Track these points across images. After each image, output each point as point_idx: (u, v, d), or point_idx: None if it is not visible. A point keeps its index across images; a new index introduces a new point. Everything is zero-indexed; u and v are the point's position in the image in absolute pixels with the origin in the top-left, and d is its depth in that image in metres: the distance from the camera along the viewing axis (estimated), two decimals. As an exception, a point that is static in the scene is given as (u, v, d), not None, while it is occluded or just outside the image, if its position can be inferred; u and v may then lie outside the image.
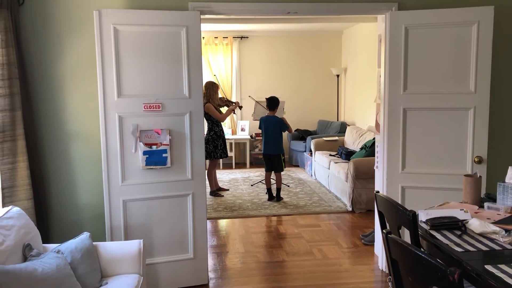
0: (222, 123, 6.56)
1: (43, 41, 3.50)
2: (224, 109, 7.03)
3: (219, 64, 8.94)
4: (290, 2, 3.61)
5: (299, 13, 3.70)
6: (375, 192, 2.63)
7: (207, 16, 3.67)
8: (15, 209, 2.69)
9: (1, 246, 2.33)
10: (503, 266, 1.79)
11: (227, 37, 8.92)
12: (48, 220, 3.61)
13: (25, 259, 2.48)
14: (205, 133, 6.27)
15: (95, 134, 3.49)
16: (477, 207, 2.58)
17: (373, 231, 4.46)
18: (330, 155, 7.14)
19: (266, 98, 6.42)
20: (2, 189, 3.15)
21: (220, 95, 6.79)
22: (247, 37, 9.09)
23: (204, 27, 7.00)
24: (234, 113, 7.83)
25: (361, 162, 5.81)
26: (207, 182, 6.46)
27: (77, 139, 3.62)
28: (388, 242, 1.94)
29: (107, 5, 3.43)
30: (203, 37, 8.48)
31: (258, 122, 6.62)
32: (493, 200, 2.67)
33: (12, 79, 3.18)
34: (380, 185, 3.86)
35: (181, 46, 3.42)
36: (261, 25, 7.94)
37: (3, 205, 3.12)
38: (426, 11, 3.53)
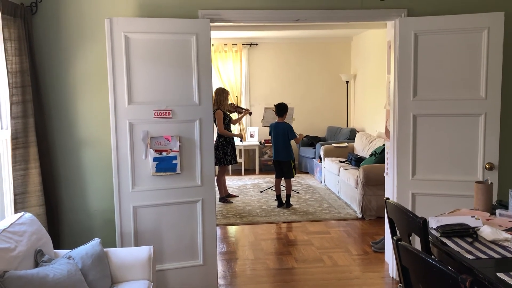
0: (231, 128, 6.58)
1: (55, 49, 3.55)
2: (234, 115, 7.06)
3: (229, 71, 8.99)
4: (300, 10, 3.62)
5: (309, 20, 3.71)
6: (385, 198, 2.61)
7: (216, 23, 3.70)
8: (27, 215, 2.72)
9: (13, 251, 2.35)
10: (515, 274, 1.77)
11: (236, 44, 8.96)
12: (59, 226, 3.64)
13: (36, 264, 2.50)
14: (215, 139, 6.30)
15: (106, 140, 3.52)
16: (489, 214, 2.56)
17: (383, 238, 4.43)
18: (340, 161, 7.12)
19: (275, 105, 6.43)
20: (15, 195, 3.18)
21: (230, 101, 6.81)
22: (256, 44, 9.13)
23: (214, 34, 7.03)
24: (240, 137, 7.86)
25: (371, 168, 5.78)
26: (217, 189, 6.47)
27: (88, 146, 3.65)
28: (398, 249, 1.93)
29: (118, 14, 3.48)
30: (213, 44, 8.53)
31: (267, 129, 6.64)
32: (505, 207, 2.65)
33: (25, 86, 3.23)
34: (390, 192, 3.83)
35: (191, 54, 3.45)
36: (271, 32, 7.97)
37: (15, 211, 3.16)
38: (436, 17, 3.52)
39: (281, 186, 6.43)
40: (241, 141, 7.06)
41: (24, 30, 3.25)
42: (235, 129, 7.71)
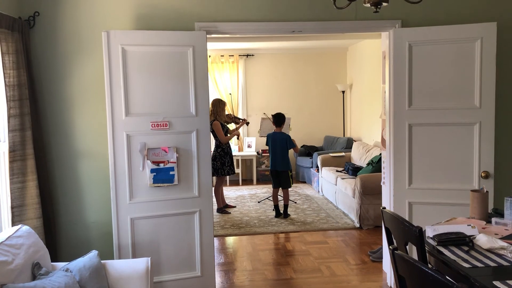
0: (229, 140, 6.59)
1: (52, 62, 3.57)
2: (231, 126, 7.08)
3: (226, 82, 9.03)
4: (295, 22, 3.67)
5: (304, 32, 3.75)
6: (381, 208, 2.63)
7: (213, 35, 3.73)
8: (24, 228, 2.72)
9: (10, 264, 2.35)
10: (511, 282, 1.78)
11: (233, 55, 9.02)
12: (57, 239, 3.63)
13: (34, 277, 2.49)
14: (213, 150, 6.31)
15: (103, 152, 3.53)
16: (485, 223, 2.57)
17: (381, 248, 4.43)
18: (337, 171, 7.13)
19: (272, 115, 6.46)
20: (12, 208, 3.18)
21: (227, 112, 6.84)
22: (252, 55, 9.18)
23: (210, 45, 7.08)
24: (237, 138, 7.93)
25: (368, 178, 5.79)
26: (214, 199, 6.47)
27: (86, 158, 3.66)
28: (394, 258, 1.94)
29: (115, 27, 3.51)
30: (210, 56, 8.58)
31: (264, 139, 6.66)
32: (501, 215, 2.66)
33: (22, 99, 3.24)
34: (387, 201, 3.85)
35: (187, 65, 3.48)
36: (267, 43, 8.03)
37: (13, 224, 3.15)
38: (429, 28, 3.56)
39: (278, 196, 6.43)
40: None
41: (22, 43, 3.27)
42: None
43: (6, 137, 3.19)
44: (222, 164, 6.40)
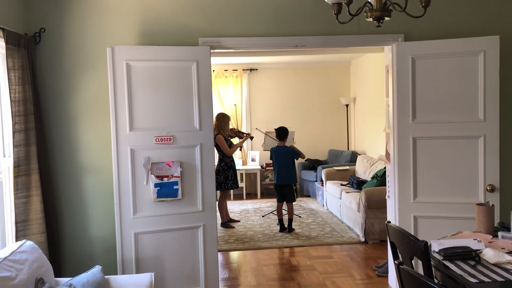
0: (234, 152, 6.59)
1: (57, 78, 3.60)
2: (235, 140, 7.09)
3: (229, 96, 9.06)
4: (298, 36, 3.69)
5: (307, 46, 3.77)
6: (386, 222, 2.61)
7: (217, 50, 3.76)
8: (28, 243, 2.72)
9: (14, 280, 2.34)
10: (519, 297, 1.76)
11: (236, 70, 9.07)
12: (60, 254, 3.62)
13: (37, 293, 2.49)
14: (216, 163, 6.31)
15: (107, 167, 3.54)
16: (491, 237, 2.54)
17: (387, 262, 4.39)
18: (342, 184, 7.10)
19: (275, 129, 6.47)
20: (16, 223, 3.18)
21: (231, 126, 6.85)
22: (256, 69, 9.23)
23: (214, 60, 7.11)
24: (240, 149, 7.94)
25: (373, 191, 5.77)
26: (218, 214, 6.44)
27: (90, 173, 3.67)
28: (400, 273, 1.92)
29: (120, 42, 3.55)
30: (213, 70, 8.63)
31: (268, 152, 6.65)
32: (507, 229, 2.63)
33: (27, 115, 3.27)
34: (392, 215, 3.82)
35: (191, 80, 3.50)
36: (270, 57, 8.07)
37: (17, 239, 3.15)
38: (432, 41, 3.58)
39: (283, 210, 6.40)
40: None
41: (28, 59, 3.31)
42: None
43: (11, 152, 3.21)
44: (226, 178, 6.39)
